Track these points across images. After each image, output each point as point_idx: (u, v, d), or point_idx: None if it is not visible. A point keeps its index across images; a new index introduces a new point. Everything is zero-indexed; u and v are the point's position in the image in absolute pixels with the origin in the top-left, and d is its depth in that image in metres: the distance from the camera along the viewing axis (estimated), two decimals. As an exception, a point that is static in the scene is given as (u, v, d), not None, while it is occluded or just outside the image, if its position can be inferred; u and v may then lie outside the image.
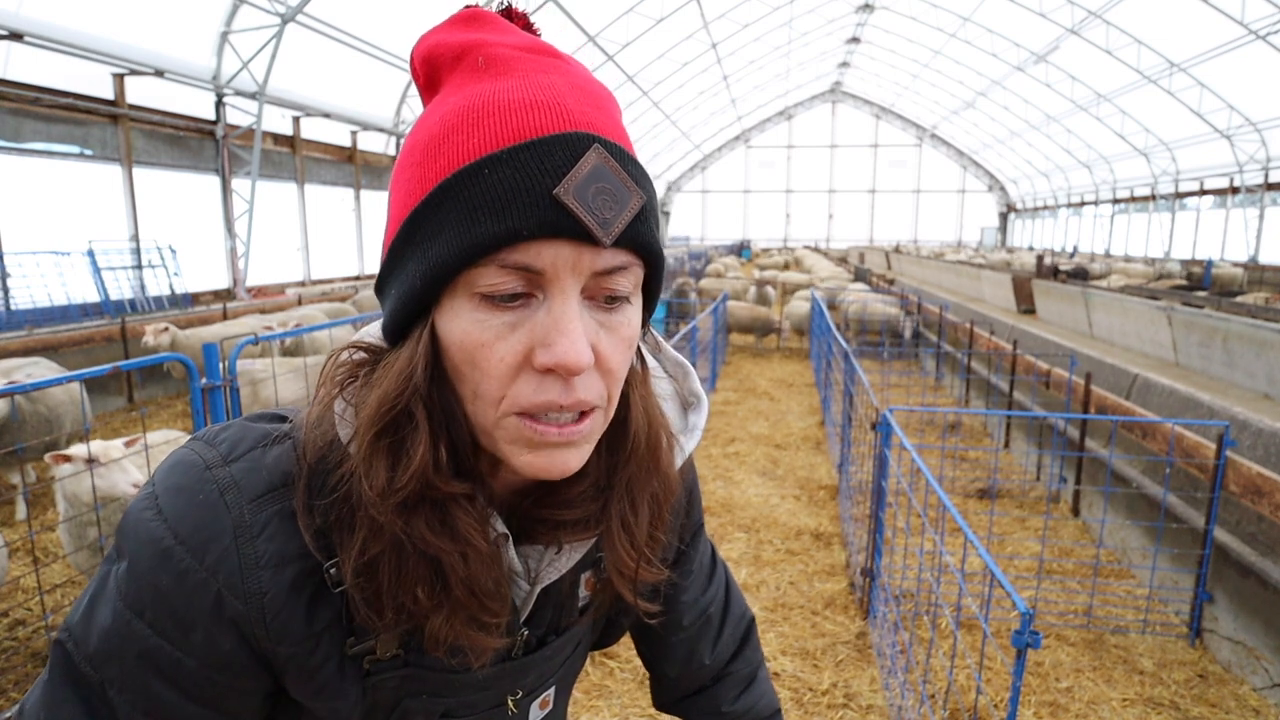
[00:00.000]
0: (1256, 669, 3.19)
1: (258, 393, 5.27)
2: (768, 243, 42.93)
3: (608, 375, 0.55)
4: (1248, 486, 3.27)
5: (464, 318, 0.52)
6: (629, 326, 0.56)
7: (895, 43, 30.35)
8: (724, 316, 10.23)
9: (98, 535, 2.99)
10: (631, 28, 20.96)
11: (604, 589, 0.71)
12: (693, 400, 0.74)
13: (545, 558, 0.63)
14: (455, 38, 0.56)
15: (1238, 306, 9.84)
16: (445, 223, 0.50)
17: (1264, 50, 17.00)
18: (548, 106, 0.51)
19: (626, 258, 0.53)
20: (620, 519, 0.63)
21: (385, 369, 0.55)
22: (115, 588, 0.55)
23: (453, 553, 0.55)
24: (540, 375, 0.52)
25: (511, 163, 0.49)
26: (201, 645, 0.55)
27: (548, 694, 0.75)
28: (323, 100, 15.29)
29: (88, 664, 0.55)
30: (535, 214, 0.49)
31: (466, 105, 0.52)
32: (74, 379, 2.89)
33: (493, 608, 0.58)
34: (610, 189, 0.50)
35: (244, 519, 0.55)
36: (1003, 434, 6.61)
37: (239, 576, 0.54)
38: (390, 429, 0.53)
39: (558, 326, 0.50)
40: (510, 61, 0.54)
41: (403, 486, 0.53)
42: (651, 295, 0.60)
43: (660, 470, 0.65)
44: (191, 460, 0.57)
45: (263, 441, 0.58)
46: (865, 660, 3.33)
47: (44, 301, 10.07)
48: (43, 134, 10.02)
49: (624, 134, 0.56)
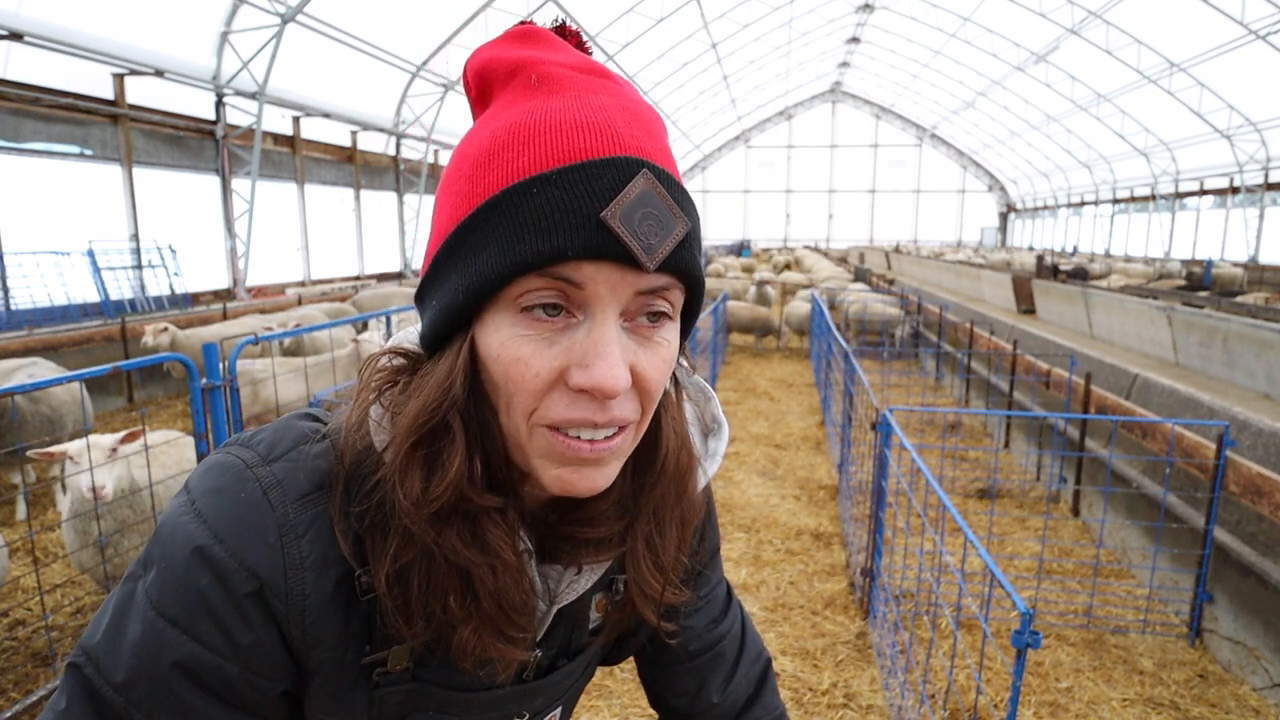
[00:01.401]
0: (1256, 669, 3.19)
1: (258, 393, 5.27)
2: (768, 243, 42.92)
3: (644, 395, 0.55)
4: (1248, 486, 3.27)
5: (504, 331, 0.52)
6: (668, 347, 0.56)
7: (895, 43, 30.35)
8: (724, 316, 10.23)
9: (98, 534, 2.99)
10: (631, 28, 20.97)
11: (616, 611, 0.70)
12: (714, 426, 0.74)
13: (565, 578, 0.63)
14: (509, 54, 0.56)
15: (1238, 306, 9.84)
16: (491, 238, 0.51)
17: (1264, 50, 17.01)
18: (598, 129, 0.51)
19: (668, 280, 0.53)
20: (646, 540, 0.63)
21: (423, 379, 0.56)
22: (145, 598, 0.54)
23: (482, 565, 0.55)
24: (574, 393, 0.52)
25: (560, 183, 0.49)
26: (241, 648, 0.54)
27: (554, 714, 0.75)
28: (323, 100, 15.29)
29: (111, 688, 0.53)
30: (581, 235, 0.49)
31: (518, 123, 0.52)
32: (74, 379, 2.88)
33: (519, 621, 0.58)
34: (656, 214, 0.51)
35: (288, 518, 0.54)
36: (1003, 434, 6.61)
37: (282, 576, 0.54)
38: (428, 439, 0.54)
39: (596, 349, 0.51)
40: (563, 80, 0.54)
41: (437, 497, 0.53)
42: (690, 318, 0.60)
43: (687, 493, 0.65)
44: (229, 462, 0.56)
45: (302, 441, 0.58)
46: (865, 660, 3.33)
47: (44, 301, 10.07)
48: (43, 134, 10.02)
49: (671, 159, 0.56)
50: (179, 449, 3.58)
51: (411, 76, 17.11)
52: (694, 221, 0.54)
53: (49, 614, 3.28)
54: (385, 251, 19.33)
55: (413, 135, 19.05)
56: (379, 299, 11.63)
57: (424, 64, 16.90)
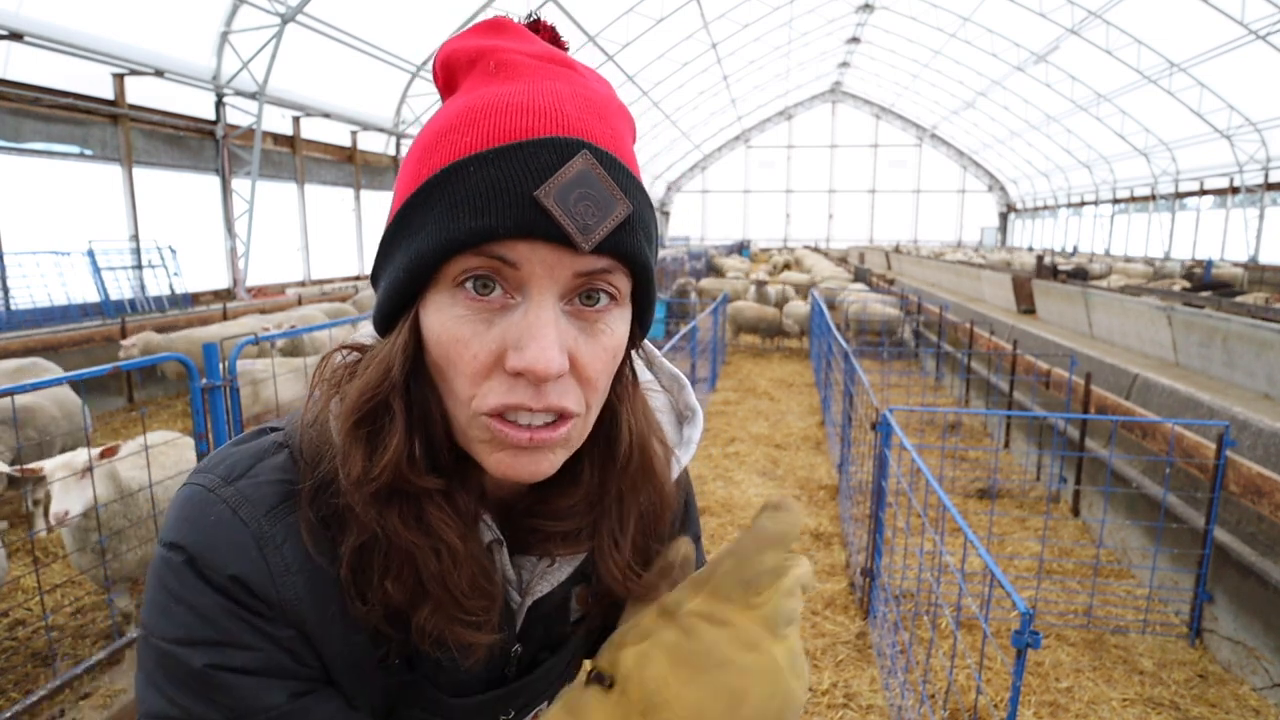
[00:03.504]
0: (1256, 669, 3.19)
1: (258, 393, 5.27)
2: (768, 243, 42.90)
3: (586, 384, 0.54)
4: (1248, 486, 3.27)
5: (444, 312, 0.52)
6: (611, 335, 0.55)
7: (895, 43, 30.34)
8: (724, 316, 10.23)
9: (97, 537, 2.99)
10: (631, 28, 20.96)
11: (596, 602, 0.70)
12: (688, 414, 0.74)
13: (538, 569, 0.63)
14: (473, 43, 0.56)
15: (1238, 306, 9.84)
16: (429, 217, 0.51)
17: (1264, 50, 17.00)
18: (544, 111, 0.51)
19: (609, 263, 0.52)
20: (611, 537, 0.63)
21: (370, 358, 0.56)
22: (150, 638, 0.53)
23: (425, 547, 0.55)
24: (512, 377, 0.51)
25: (497, 162, 0.49)
26: (266, 636, 0.54)
27: (540, 708, 0.74)
28: (323, 100, 15.29)
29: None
30: (513, 214, 0.49)
31: (468, 106, 0.53)
32: (73, 379, 2.88)
33: (468, 606, 0.57)
34: (594, 195, 0.50)
35: (263, 530, 0.54)
36: (1003, 434, 6.61)
37: (272, 585, 0.54)
38: (368, 419, 0.54)
39: (530, 330, 0.50)
40: (520, 67, 0.54)
41: (375, 477, 0.53)
42: (642, 307, 0.59)
43: (654, 482, 0.64)
44: (190, 493, 0.56)
45: (261, 457, 0.58)
46: (865, 660, 3.33)
47: (44, 301, 10.07)
48: (43, 134, 10.02)
49: (623, 145, 0.55)
50: (178, 450, 3.58)
51: (411, 76, 17.11)
52: (638, 205, 0.53)
53: (49, 614, 3.27)
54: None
55: (413, 135, 19.04)
56: (379, 299, 11.61)
57: (424, 64, 16.89)
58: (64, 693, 2.81)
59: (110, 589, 3.08)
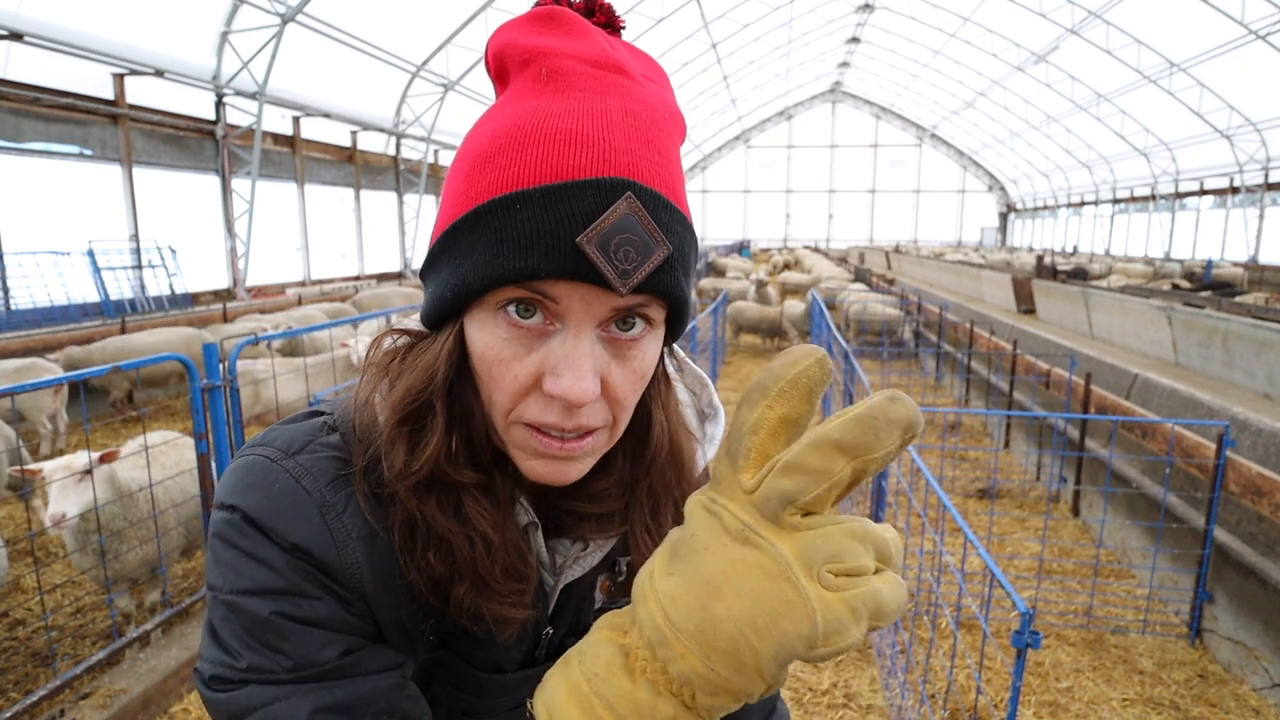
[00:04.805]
0: (1256, 669, 3.19)
1: (258, 393, 5.27)
2: (768, 243, 42.89)
3: (614, 404, 0.57)
4: (1248, 486, 3.27)
5: (487, 331, 0.55)
6: (642, 360, 0.57)
7: (895, 43, 30.34)
8: (724, 317, 10.23)
9: (97, 537, 2.99)
10: (632, 28, 20.95)
11: (620, 592, 0.72)
12: (710, 412, 0.76)
13: (571, 553, 0.66)
14: (527, 40, 0.56)
15: (1238, 306, 9.84)
16: (475, 246, 0.53)
17: (1264, 50, 17.00)
18: (591, 142, 0.51)
19: (645, 299, 0.54)
20: (643, 524, 0.65)
21: (417, 357, 0.59)
22: (219, 595, 0.55)
23: (459, 535, 0.58)
24: (547, 398, 0.54)
25: (542, 202, 0.50)
26: (325, 594, 0.56)
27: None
28: (323, 100, 15.29)
29: (242, 675, 0.54)
30: (555, 259, 0.50)
31: (518, 124, 0.53)
32: (73, 379, 2.89)
33: (500, 589, 0.59)
34: (635, 240, 0.51)
35: (326, 499, 0.57)
36: (1003, 434, 6.61)
37: (335, 551, 0.56)
38: (412, 417, 0.58)
39: (567, 360, 0.53)
40: (572, 77, 0.54)
41: (416, 471, 0.57)
42: (674, 331, 0.61)
43: (683, 474, 0.67)
44: (253, 461, 0.59)
45: (315, 435, 0.61)
46: (865, 660, 3.33)
47: (44, 301, 10.08)
48: (43, 134, 10.03)
49: (671, 170, 0.55)
50: (178, 450, 3.58)
51: (411, 76, 17.11)
52: (678, 244, 0.54)
53: (49, 614, 3.27)
54: (385, 252, 19.34)
55: (413, 135, 19.05)
56: (379, 299, 11.64)
57: (424, 64, 16.90)
58: (64, 693, 2.81)
59: (110, 589, 3.08)
